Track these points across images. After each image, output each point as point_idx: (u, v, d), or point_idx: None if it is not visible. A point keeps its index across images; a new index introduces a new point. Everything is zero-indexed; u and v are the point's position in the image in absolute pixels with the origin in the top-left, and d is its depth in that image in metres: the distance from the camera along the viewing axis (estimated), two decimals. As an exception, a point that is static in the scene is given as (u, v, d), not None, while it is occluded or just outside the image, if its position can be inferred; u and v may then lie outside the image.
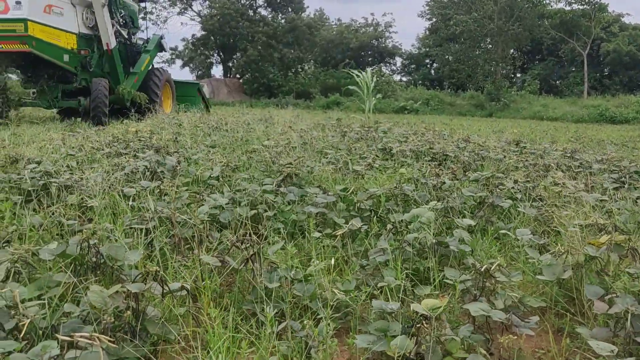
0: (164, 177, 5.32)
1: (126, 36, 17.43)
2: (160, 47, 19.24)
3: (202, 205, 4.01)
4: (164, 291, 2.33)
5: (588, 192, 5.39)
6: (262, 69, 46.53)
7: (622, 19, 46.45)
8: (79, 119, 14.47)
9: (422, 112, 34.56)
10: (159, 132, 9.31)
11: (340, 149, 7.96)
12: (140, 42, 18.84)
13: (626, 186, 6.14)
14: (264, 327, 2.46)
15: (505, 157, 7.82)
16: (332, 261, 3.04)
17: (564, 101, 36.16)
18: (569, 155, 8.50)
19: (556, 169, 7.01)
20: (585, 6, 39.54)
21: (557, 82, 46.71)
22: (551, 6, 41.34)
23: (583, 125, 25.64)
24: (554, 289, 3.18)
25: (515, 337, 2.24)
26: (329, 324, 2.35)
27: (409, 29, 77.61)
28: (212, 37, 49.15)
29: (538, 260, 3.37)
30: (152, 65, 18.87)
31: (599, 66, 45.34)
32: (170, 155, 6.38)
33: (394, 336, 2.36)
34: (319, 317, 2.66)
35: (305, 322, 2.44)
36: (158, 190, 4.76)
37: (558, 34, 41.56)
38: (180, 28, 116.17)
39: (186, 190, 4.82)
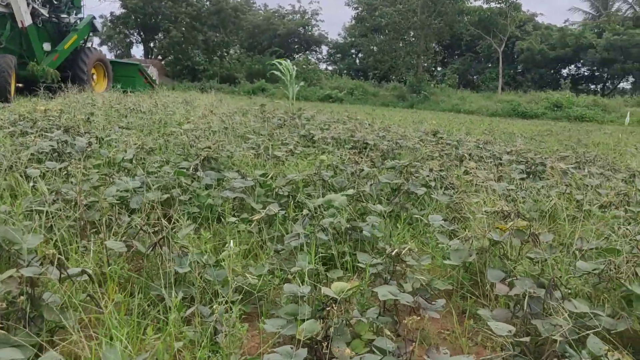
0: (72, 159, 5.05)
1: (46, 15, 17.29)
2: (92, 27, 19.32)
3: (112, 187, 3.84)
4: (62, 276, 2.21)
5: (497, 181, 5.66)
6: (186, 51, 45.21)
7: (536, 18, 48.99)
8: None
9: (346, 102, 34.99)
10: (70, 112, 8.82)
11: (262, 135, 7.89)
12: (74, 21, 18.87)
13: (531, 176, 6.50)
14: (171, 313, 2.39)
15: (422, 146, 8.05)
16: (232, 244, 3.00)
17: (480, 95, 37.75)
18: (481, 146, 8.88)
19: (469, 159, 7.31)
20: (501, 4, 41.29)
21: (474, 77, 48.67)
22: (470, 3, 42.89)
23: (497, 118, 26.89)
24: (460, 272, 3.31)
25: (420, 318, 2.30)
26: (231, 309, 2.31)
27: (335, 17, 78.18)
28: (132, 16, 47.10)
29: (447, 245, 3.49)
30: (83, 45, 18.92)
31: (513, 63, 47.63)
32: (81, 136, 6.06)
33: (304, 320, 2.36)
34: (231, 302, 2.62)
35: (214, 307, 2.39)
36: (65, 171, 4.51)
37: (476, 30, 43.20)
38: (98, 4, 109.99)
39: (96, 172, 4.60)
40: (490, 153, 8.01)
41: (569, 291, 2.90)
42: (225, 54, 48.96)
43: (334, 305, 2.37)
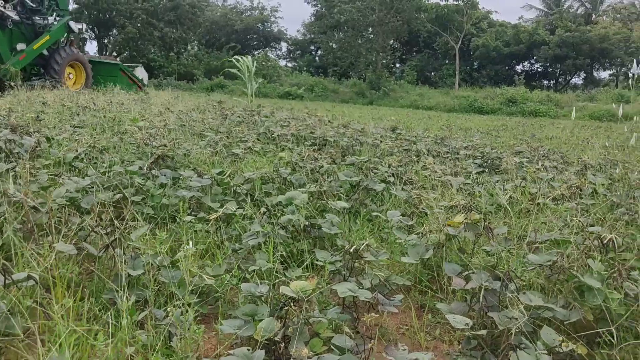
0: (21, 158, 4.85)
1: (16, 17, 17.90)
2: (67, 28, 19.97)
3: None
4: (7, 281, 2.10)
5: (454, 176, 5.73)
6: (142, 48, 44.22)
7: (491, 15, 49.96)
8: None
9: (306, 98, 34.95)
10: (19, 110, 8.50)
11: (220, 132, 7.78)
12: (51, 23, 19.50)
13: (487, 171, 6.62)
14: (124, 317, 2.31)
15: (381, 142, 8.10)
16: (190, 244, 2.94)
17: (438, 92, 38.33)
18: (439, 141, 8.99)
19: (427, 154, 7.39)
20: (458, 2, 41.99)
21: (432, 73, 49.34)
22: (428, 0, 43.43)
23: (454, 114, 27.35)
24: (417, 267, 3.32)
25: (377, 315, 2.30)
26: (187, 311, 2.25)
27: (294, 14, 77.72)
28: (85, 12, 45.77)
29: (405, 241, 3.51)
30: (63, 45, 19.70)
31: (469, 60, 48.51)
32: (30, 135, 5.84)
33: (263, 320, 2.32)
34: (187, 304, 2.56)
35: (169, 309, 2.32)
36: (13, 172, 4.33)
37: (433, 27, 43.80)
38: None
39: (46, 172, 4.43)
40: (447, 148, 8.12)
41: (524, 283, 2.95)
42: (183, 51, 48.15)
43: (292, 304, 2.35)
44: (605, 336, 2.59)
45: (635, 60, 7.39)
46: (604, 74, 49.75)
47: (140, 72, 23.93)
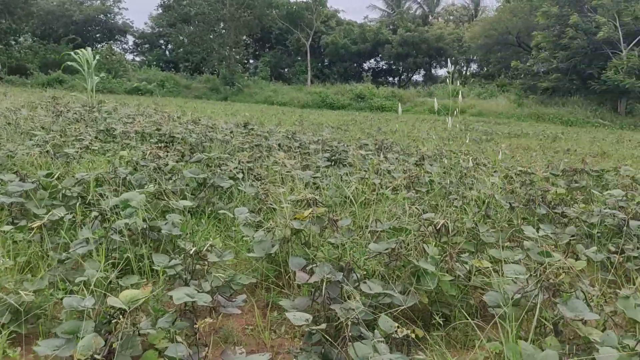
0: None
1: None
2: None
3: None
4: None
5: (303, 170, 5.78)
6: (-37, 39, 39.32)
7: (339, 14, 51.89)
8: None
9: (157, 94, 33.48)
10: None
11: (52, 130, 7.09)
12: None
13: (336, 164, 6.78)
14: None
15: (232, 138, 7.95)
16: None
17: (291, 88, 38.94)
18: (290, 136, 9.06)
19: (278, 149, 7.39)
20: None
21: (285, 69, 50.02)
22: (279, -3, 43.92)
23: (307, 110, 27.96)
24: (263, 263, 3.26)
25: (212, 320, 2.18)
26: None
27: (140, 5, 73.42)
28: None
29: (252, 237, 3.42)
30: None
31: (320, 57, 49.94)
32: None
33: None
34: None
35: (-30, 336, 2.00)
36: None
37: (285, 24, 44.37)
38: None
39: None
40: (298, 143, 8.20)
41: (365, 273, 3.01)
42: (13, 42, 43.57)
43: (121, 316, 2.14)
44: (439, 318, 2.73)
45: (448, 59, 8.15)
46: (441, 72, 54.17)
47: None
